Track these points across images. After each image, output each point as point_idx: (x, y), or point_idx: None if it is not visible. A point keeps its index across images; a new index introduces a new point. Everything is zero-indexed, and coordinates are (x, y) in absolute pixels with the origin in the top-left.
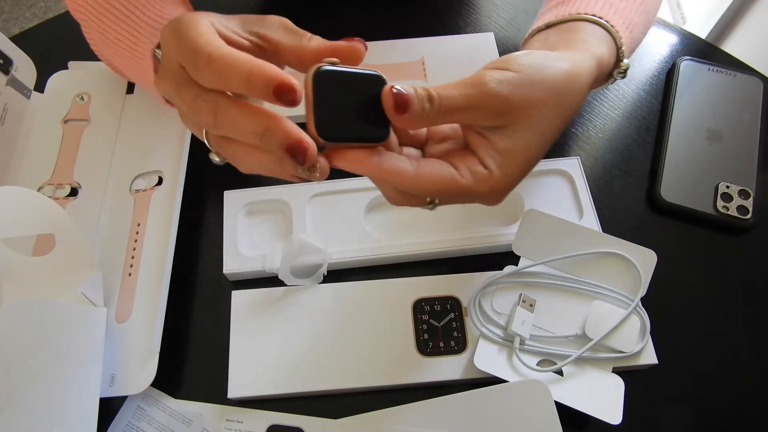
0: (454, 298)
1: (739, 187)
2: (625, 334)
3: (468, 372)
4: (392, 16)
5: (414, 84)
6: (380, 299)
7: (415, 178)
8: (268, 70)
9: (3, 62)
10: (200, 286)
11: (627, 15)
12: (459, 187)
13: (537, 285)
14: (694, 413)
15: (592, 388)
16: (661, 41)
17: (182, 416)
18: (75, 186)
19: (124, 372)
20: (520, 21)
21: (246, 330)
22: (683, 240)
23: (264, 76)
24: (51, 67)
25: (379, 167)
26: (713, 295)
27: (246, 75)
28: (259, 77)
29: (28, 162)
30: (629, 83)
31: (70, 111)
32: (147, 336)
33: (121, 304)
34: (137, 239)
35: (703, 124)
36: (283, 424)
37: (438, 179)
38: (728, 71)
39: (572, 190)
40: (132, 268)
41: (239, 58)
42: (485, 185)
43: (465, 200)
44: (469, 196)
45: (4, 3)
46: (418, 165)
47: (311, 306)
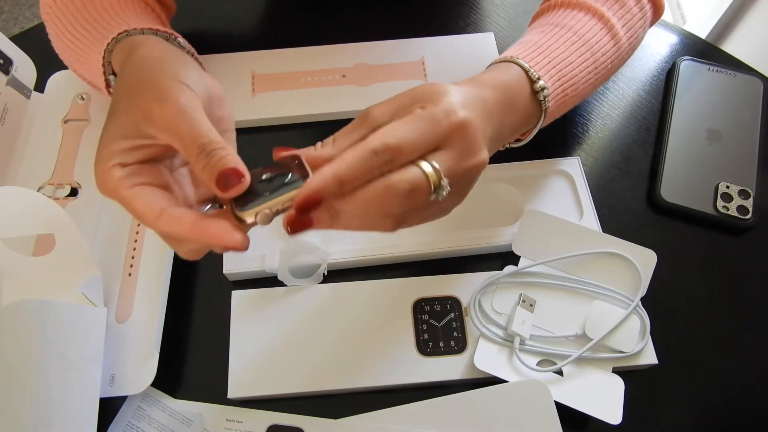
0: (454, 298)
1: (739, 187)
2: (625, 334)
3: (468, 372)
4: (392, 16)
5: (414, 83)
6: (380, 299)
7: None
8: (212, 234)
9: (3, 62)
10: (200, 286)
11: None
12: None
13: (537, 285)
14: (694, 413)
15: (592, 388)
16: (661, 41)
17: (182, 416)
18: (75, 186)
19: (124, 372)
20: (520, 21)
21: (246, 330)
22: (683, 240)
23: (212, 240)
24: (51, 67)
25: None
26: (713, 295)
27: (195, 240)
28: (208, 241)
29: (28, 162)
30: (629, 83)
31: (70, 111)
32: (147, 336)
33: (121, 305)
34: (137, 239)
35: (703, 124)
36: (283, 424)
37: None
38: (728, 71)
39: (572, 190)
40: (132, 268)
41: (182, 230)
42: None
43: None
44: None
45: (4, 3)
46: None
47: (311, 306)
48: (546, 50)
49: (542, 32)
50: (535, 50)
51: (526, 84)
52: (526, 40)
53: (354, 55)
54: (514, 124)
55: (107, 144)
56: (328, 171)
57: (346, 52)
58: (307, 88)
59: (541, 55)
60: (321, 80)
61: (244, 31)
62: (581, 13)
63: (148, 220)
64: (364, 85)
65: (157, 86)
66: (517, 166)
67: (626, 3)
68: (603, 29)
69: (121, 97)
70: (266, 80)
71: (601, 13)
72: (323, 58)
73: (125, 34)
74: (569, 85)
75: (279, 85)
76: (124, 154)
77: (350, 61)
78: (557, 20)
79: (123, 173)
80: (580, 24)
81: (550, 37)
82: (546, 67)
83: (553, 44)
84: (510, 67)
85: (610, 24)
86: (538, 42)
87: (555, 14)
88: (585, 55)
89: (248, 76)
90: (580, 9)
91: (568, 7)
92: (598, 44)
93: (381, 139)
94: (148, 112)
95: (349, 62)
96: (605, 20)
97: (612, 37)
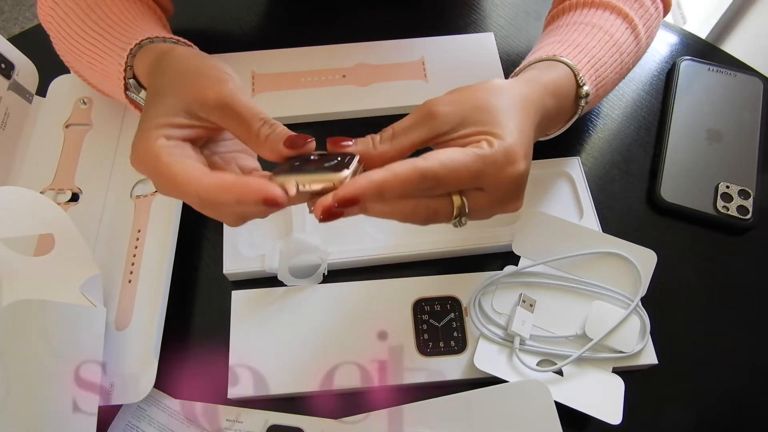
0: (454, 298)
1: (739, 187)
2: (625, 334)
3: (468, 372)
4: (392, 16)
5: (414, 83)
6: (380, 299)
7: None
8: (253, 187)
9: (5, 66)
10: (200, 287)
11: (593, 53)
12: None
13: (537, 285)
14: (694, 413)
15: (592, 388)
16: (661, 41)
17: (182, 416)
18: (76, 191)
19: (123, 380)
20: (520, 21)
21: (246, 330)
22: (683, 240)
23: (252, 195)
24: (53, 70)
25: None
26: (713, 295)
27: (236, 198)
28: (247, 196)
29: (30, 167)
30: (629, 83)
31: (72, 115)
32: (146, 344)
33: (120, 312)
34: (137, 245)
35: (703, 124)
36: (283, 424)
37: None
38: (728, 71)
39: (572, 190)
40: (132, 274)
41: (224, 185)
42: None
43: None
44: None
45: (4, 3)
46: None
47: (311, 306)
48: (585, 50)
49: (577, 31)
50: (576, 49)
51: (573, 88)
52: (565, 40)
53: (354, 55)
54: (553, 125)
55: (152, 119)
56: (376, 178)
57: (346, 52)
58: (307, 88)
59: (583, 55)
60: (321, 80)
61: (244, 31)
62: (607, 12)
63: (190, 183)
64: (364, 85)
65: (205, 74)
66: None
67: (644, 2)
68: (628, 29)
69: (166, 86)
70: (266, 80)
71: (625, 13)
72: (323, 58)
73: (148, 40)
74: (601, 86)
75: (279, 85)
76: (170, 128)
77: (350, 61)
78: (587, 19)
79: (166, 143)
80: (609, 23)
81: (586, 36)
82: (588, 70)
83: (591, 44)
84: (561, 68)
85: (633, 24)
86: (577, 42)
87: (583, 13)
88: (615, 56)
89: (248, 76)
90: (605, 8)
91: (593, 6)
92: (625, 44)
93: (434, 170)
94: (201, 94)
95: (349, 62)
96: (629, 20)
97: (635, 37)
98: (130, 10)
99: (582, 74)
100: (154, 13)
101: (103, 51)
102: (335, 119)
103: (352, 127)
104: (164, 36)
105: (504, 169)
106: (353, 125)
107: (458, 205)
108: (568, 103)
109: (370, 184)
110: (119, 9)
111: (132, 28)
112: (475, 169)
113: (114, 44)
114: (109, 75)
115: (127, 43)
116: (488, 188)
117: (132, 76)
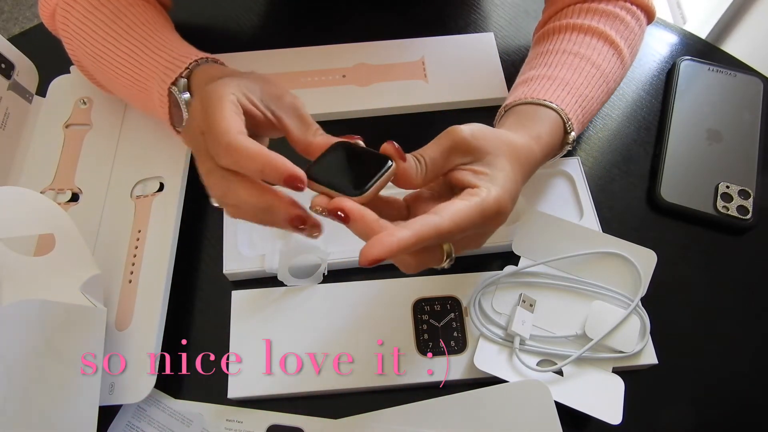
0: (454, 298)
1: (739, 187)
2: (625, 334)
3: (468, 372)
4: (392, 16)
5: (414, 83)
6: (380, 299)
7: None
8: (279, 163)
9: (5, 66)
10: (200, 287)
11: (581, 92)
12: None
13: (537, 285)
14: (694, 413)
15: (592, 388)
16: (661, 41)
17: (182, 416)
18: (76, 191)
19: (124, 380)
20: (520, 21)
21: (246, 330)
22: (683, 240)
23: (276, 169)
24: (53, 70)
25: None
26: (713, 295)
27: (260, 166)
28: (272, 169)
29: (30, 167)
30: (629, 83)
31: (72, 115)
32: (147, 344)
33: (120, 312)
34: (138, 246)
35: (703, 124)
36: (283, 424)
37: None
38: (728, 71)
39: (572, 190)
40: (132, 275)
41: (253, 150)
42: (491, 198)
43: (479, 226)
44: (482, 217)
45: (4, 3)
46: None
47: (311, 306)
48: (574, 90)
49: (566, 65)
50: (565, 91)
51: (560, 136)
52: (555, 77)
53: (354, 55)
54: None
55: (232, 83)
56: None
57: (346, 52)
58: (307, 88)
59: (572, 97)
60: (321, 80)
61: (244, 31)
62: (594, 40)
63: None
64: (364, 85)
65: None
66: None
67: (628, 22)
68: (615, 55)
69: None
70: None
71: (611, 39)
72: (323, 58)
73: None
74: (587, 119)
75: None
76: (244, 96)
77: (350, 61)
78: (576, 49)
79: (233, 98)
80: (596, 53)
81: (574, 72)
82: (576, 112)
83: (579, 81)
84: (552, 118)
85: (619, 49)
86: (567, 80)
87: (571, 40)
88: (602, 87)
89: None
90: (593, 35)
91: (581, 32)
92: (611, 72)
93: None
94: (279, 92)
95: (349, 62)
96: (615, 45)
97: (621, 62)
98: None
99: (571, 120)
100: (165, 16)
101: (141, 65)
102: (336, 119)
103: (352, 127)
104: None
105: (495, 220)
106: (354, 125)
107: (447, 251)
108: (555, 150)
109: (399, 246)
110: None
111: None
112: (477, 221)
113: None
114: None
115: (173, 63)
116: (477, 232)
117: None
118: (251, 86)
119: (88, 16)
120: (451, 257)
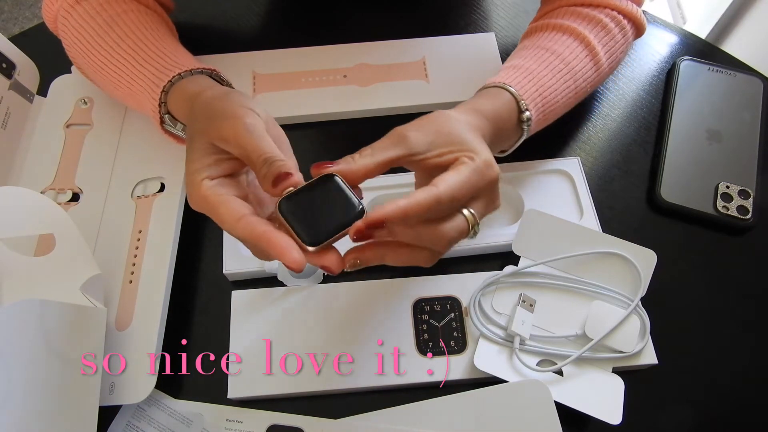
0: (454, 298)
1: (739, 187)
2: (625, 334)
3: (468, 372)
4: (393, 16)
5: (415, 83)
6: (380, 299)
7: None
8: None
9: (6, 66)
10: (200, 287)
11: (544, 82)
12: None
13: (537, 285)
14: (694, 413)
15: (592, 388)
16: (661, 41)
17: (182, 416)
18: (76, 191)
19: (124, 380)
20: (520, 21)
21: (246, 330)
22: (683, 240)
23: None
24: (54, 70)
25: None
26: (713, 295)
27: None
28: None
29: (30, 166)
30: (629, 83)
31: (73, 115)
32: (147, 344)
33: (121, 312)
34: (138, 246)
35: (703, 124)
36: (283, 424)
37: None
38: (728, 71)
39: (572, 190)
40: (133, 275)
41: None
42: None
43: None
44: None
45: (4, 3)
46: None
47: (311, 306)
48: (535, 78)
49: (533, 56)
50: (525, 77)
51: (515, 112)
52: (519, 65)
53: (355, 55)
54: (497, 146)
55: (193, 162)
56: (401, 204)
57: (347, 52)
58: (308, 89)
59: (531, 83)
60: (322, 80)
61: (244, 31)
62: (569, 39)
63: (230, 224)
64: (365, 85)
65: (226, 112)
66: (517, 166)
67: (610, 29)
68: (588, 56)
69: (196, 131)
70: (267, 80)
71: (588, 41)
72: (324, 58)
73: (178, 76)
74: (550, 110)
75: (280, 85)
76: (209, 169)
77: (351, 61)
78: (548, 44)
79: (211, 184)
80: (568, 50)
81: (539, 63)
82: (533, 96)
83: (541, 71)
84: (504, 96)
85: (594, 51)
86: (529, 68)
87: (546, 37)
88: (568, 82)
89: (249, 76)
90: (569, 34)
91: (559, 31)
92: (581, 71)
93: (446, 191)
94: (222, 133)
95: (350, 62)
96: (591, 48)
97: (594, 63)
98: (147, 27)
99: (526, 101)
100: (163, 21)
101: (132, 78)
102: (336, 119)
103: (353, 127)
104: (191, 68)
105: (488, 175)
106: (354, 125)
107: (471, 219)
108: (508, 127)
109: (395, 209)
110: (138, 27)
111: (163, 55)
112: (472, 181)
113: (144, 74)
114: (142, 104)
115: (157, 77)
116: (481, 194)
117: (166, 111)
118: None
119: (84, 25)
120: (476, 223)
